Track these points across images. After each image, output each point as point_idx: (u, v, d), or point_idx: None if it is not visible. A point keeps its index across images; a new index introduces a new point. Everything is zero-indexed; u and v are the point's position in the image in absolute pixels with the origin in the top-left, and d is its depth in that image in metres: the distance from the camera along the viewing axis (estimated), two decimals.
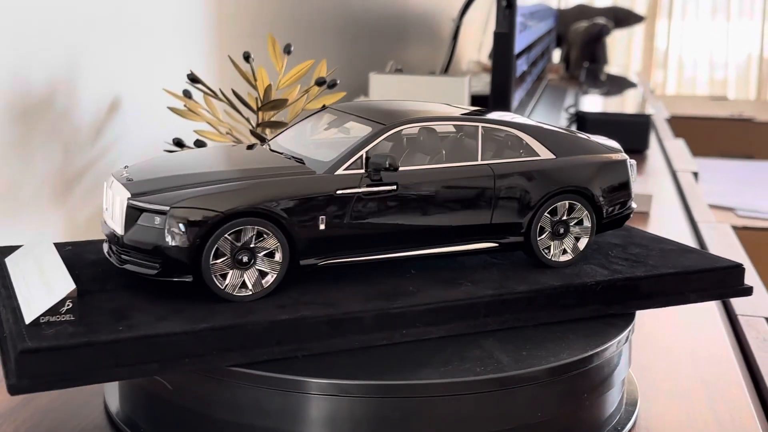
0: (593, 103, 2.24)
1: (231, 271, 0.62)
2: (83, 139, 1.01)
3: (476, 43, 3.39)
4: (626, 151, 0.78)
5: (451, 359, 0.61)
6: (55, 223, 0.97)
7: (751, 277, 1.09)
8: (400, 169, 0.67)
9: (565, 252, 0.73)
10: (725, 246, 1.21)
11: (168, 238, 0.61)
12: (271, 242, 0.63)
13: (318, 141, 0.74)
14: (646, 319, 0.75)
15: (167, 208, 0.61)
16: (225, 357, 0.58)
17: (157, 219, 0.61)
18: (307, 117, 0.78)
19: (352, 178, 0.66)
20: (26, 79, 0.90)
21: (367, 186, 0.66)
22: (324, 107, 1.04)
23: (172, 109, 1.03)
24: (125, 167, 0.69)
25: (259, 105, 1.01)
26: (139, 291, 0.63)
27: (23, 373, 0.53)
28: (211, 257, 0.61)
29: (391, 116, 0.70)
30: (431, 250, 0.69)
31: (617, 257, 0.75)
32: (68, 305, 0.57)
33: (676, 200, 1.47)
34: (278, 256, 0.63)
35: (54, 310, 0.57)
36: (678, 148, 2.00)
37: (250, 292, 0.63)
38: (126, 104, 1.08)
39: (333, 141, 0.73)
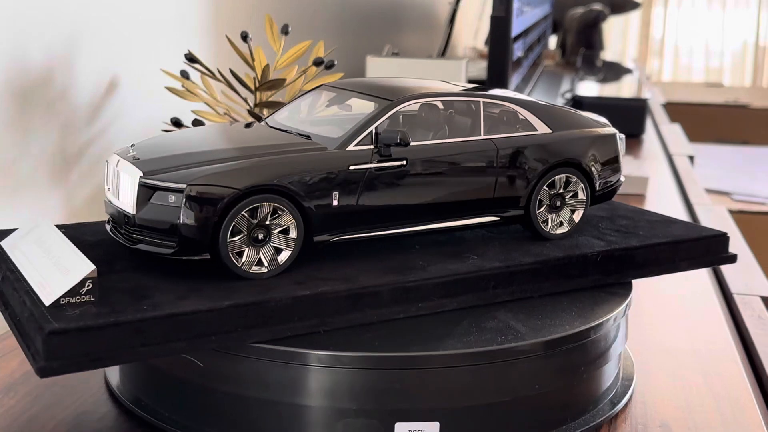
0: (589, 88, 2.24)
1: (247, 249, 0.62)
2: (81, 118, 1.01)
3: (472, 29, 3.39)
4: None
5: (470, 330, 0.62)
6: (53, 202, 0.97)
7: (746, 259, 1.10)
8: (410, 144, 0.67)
9: (561, 224, 0.75)
10: (721, 227, 1.22)
11: (184, 216, 0.61)
12: (286, 219, 0.63)
13: (320, 118, 0.74)
14: (642, 296, 0.76)
15: (184, 185, 0.61)
16: (249, 334, 0.58)
17: (172, 197, 0.61)
18: (303, 95, 0.78)
19: (364, 154, 0.66)
20: (24, 58, 0.90)
21: (378, 161, 0.66)
22: (321, 86, 1.04)
23: (170, 89, 1.04)
24: (131, 146, 0.67)
25: (257, 85, 1.01)
26: (151, 270, 0.63)
27: (52, 355, 0.52)
28: (229, 235, 0.61)
29: (396, 92, 0.70)
30: (438, 225, 0.70)
31: (608, 229, 0.77)
32: (88, 286, 0.56)
33: (672, 183, 1.47)
34: (293, 233, 0.63)
35: (74, 291, 0.56)
36: (673, 132, 2.00)
37: (266, 269, 0.63)
38: (123, 84, 1.08)
39: (336, 118, 0.73)
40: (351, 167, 0.65)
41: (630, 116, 1.83)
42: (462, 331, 0.62)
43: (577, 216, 0.75)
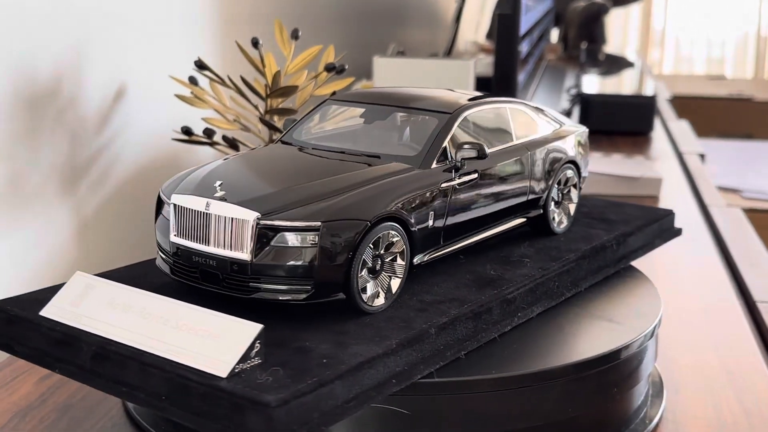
0: (594, 84, 2.22)
1: (370, 282, 0.60)
2: (89, 128, 0.99)
3: (473, 22, 3.36)
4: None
5: (492, 351, 0.60)
6: (63, 213, 0.95)
7: (765, 261, 1.09)
8: None
9: (563, 219, 0.78)
10: (739, 231, 1.20)
11: (321, 256, 0.56)
12: (399, 245, 0.61)
13: (364, 135, 0.71)
14: (665, 309, 0.74)
15: (318, 223, 0.57)
16: (414, 370, 0.55)
17: (298, 237, 0.56)
18: (315, 110, 0.75)
19: (447, 170, 0.65)
20: (32, 69, 0.89)
21: (460, 176, 0.66)
22: (334, 93, 1.02)
23: (179, 97, 1.02)
24: (219, 184, 0.59)
25: (268, 92, 0.99)
26: (265, 318, 0.55)
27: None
28: (359, 269, 0.58)
29: (443, 104, 0.70)
30: (491, 232, 0.71)
31: (585, 218, 0.81)
32: (257, 347, 0.51)
33: (685, 183, 1.45)
34: (401, 259, 0.61)
35: (246, 356, 0.51)
36: (682, 129, 1.98)
37: (383, 301, 0.60)
38: (132, 92, 1.06)
39: (384, 134, 0.70)
40: (442, 185, 0.64)
41: (638, 114, 1.81)
42: (485, 353, 0.61)
43: (572, 209, 0.79)
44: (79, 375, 0.55)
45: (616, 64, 2.86)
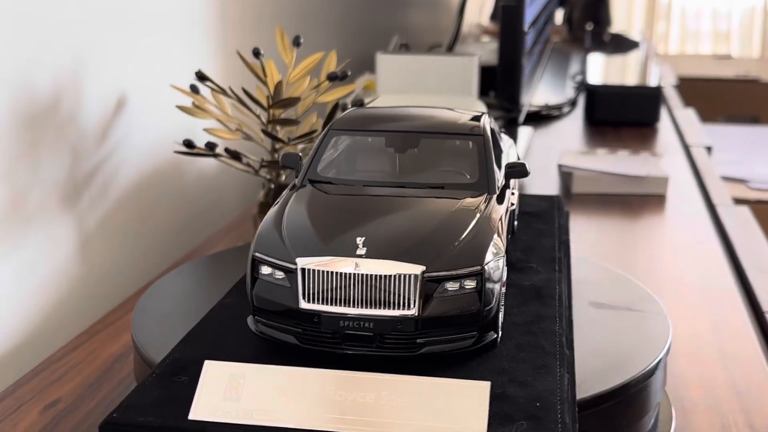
0: (599, 72, 2.20)
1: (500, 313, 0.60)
2: (90, 141, 0.98)
3: (477, 5, 3.33)
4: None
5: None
6: (65, 229, 0.94)
7: None
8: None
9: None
10: (746, 231, 1.19)
11: (486, 299, 0.56)
12: (505, 275, 0.61)
13: (404, 164, 0.69)
14: (673, 325, 0.73)
15: (479, 267, 0.56)
16: (572, 392, 0.56)
17: (458, 284, 0.55)
18: (326, 140, 0.71)
19: (504, 190, 0.67)
20: (32, 82, 0.87)
21: (511, 193, 0.69)
22: (336, 104, 1.01)
23: (181, 108, 1.01)
24: (361, 240, 0.56)
25: (270, 102, 0.98)
26: (393, 371, 0.54)
27: None
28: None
29: (467, 126, 0.70)
30: None
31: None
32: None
33: (692, 180, 1.44)
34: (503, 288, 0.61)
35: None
36: (689, 118, 1.96)
37: (501, 332, 0.60)
38: (132, 104, 1.05)
39: (424, 163, 0.69)
40: (511, 203, 0.67)
41: (644, 105, 1.79)
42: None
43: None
44: None
45: (621, 47, 2.83)
